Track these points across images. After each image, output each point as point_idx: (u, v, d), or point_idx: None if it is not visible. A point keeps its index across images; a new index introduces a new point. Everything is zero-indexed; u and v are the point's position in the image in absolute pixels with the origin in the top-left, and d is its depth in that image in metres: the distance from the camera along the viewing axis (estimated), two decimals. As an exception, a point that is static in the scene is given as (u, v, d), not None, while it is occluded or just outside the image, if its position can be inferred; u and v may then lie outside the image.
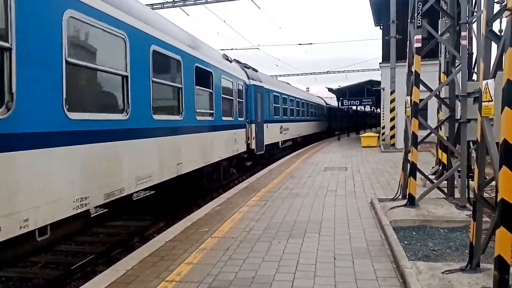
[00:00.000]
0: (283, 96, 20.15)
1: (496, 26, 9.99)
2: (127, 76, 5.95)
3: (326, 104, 38.72)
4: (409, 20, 7.44)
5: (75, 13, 4.80)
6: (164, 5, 20.53)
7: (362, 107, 45.11)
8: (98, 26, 5.28)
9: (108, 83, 5.76)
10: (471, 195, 5.65)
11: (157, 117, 6.80)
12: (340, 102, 30.67)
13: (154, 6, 20.28)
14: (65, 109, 4.58)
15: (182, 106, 7.89)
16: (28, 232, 3.98)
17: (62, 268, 6.03)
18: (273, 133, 17.60)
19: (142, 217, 8.83)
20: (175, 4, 20.51)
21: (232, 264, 4.81)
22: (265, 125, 15.81)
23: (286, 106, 20.78)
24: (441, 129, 8.21)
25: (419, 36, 6.90)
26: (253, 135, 13.96)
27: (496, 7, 4.55)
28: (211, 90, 9.85)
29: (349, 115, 44.78)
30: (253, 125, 14.12)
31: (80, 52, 5.07)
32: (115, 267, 4.85)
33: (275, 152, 19.07)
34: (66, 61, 4.62)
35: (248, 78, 14.46)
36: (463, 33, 6.93)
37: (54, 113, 4.45)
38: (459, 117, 6.94)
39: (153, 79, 6.75)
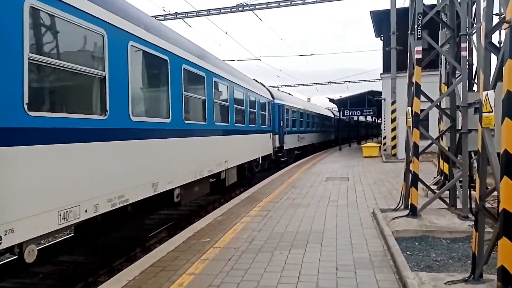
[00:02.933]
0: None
1: (495, 38, 10.07)
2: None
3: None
4: (409, 32, 7.51)
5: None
6: (167, 17, 20.77)
7: (363, 118, 45.17)
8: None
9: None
10: (473, 206, 5.64)
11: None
12: (341, 113, 30.75)
13: (156, 18, 20.51)
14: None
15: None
16: None
17: (64, 278, 6.02)
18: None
19: (144, 226, 8.82)
20: (178, 16, 20.73)
21: (234, 274, 4.80)
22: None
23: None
24: (442, 139, 8.23)
25: (420, 47, 6.96)
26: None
27: (495, 20, 4.60)
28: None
29: (350, 126, 45.06)
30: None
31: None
32: (117, 278, 4.84)
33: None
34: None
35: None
36: (463, 45, 7.00)
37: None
38: (460, 128, 6.96)
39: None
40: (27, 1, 4.04)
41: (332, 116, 39.83)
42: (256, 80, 17.48)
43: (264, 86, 18.29)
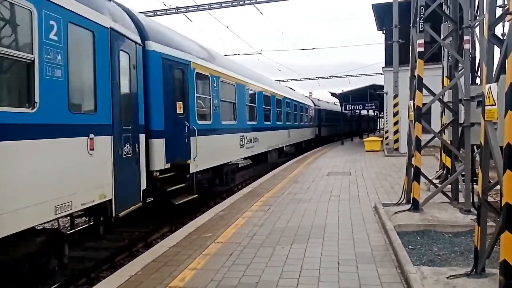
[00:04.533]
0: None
1: (498, 30, 9.98)
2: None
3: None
4: (411, 25, 7.46)
5: None
6: (168, 12, 20.67)
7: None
8: None
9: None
10: (476, 199, 5.62)
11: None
12: (343, 107, 30.64)
13: (157, 12, 20.44)
14: None
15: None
16: None
17: (66, 273, 6.03)
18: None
19: (146, 222, 8.83)
20: (178, 10, 20.64)
21: (235, 269, 4.80)
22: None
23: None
24: (444, 133, 8.19)
25: (422, 41, 6.91)
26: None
27: (499, 11, 4.54)
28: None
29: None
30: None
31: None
32: (119, 273, 4.85)
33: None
34: None
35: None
36: (465, 37, 6.95)
37: None
38: (462, 121, 6.92)
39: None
40: None
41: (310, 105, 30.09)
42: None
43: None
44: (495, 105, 3.83)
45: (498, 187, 4.11)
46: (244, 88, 13.33)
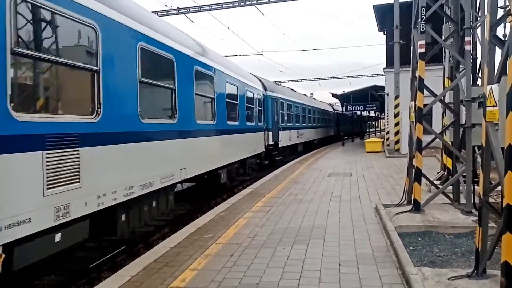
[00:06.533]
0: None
1: (500, 31, 9.98)
2: None
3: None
4: (412, 26, 7.46)
5: None
6: (169, 12, 20.70)
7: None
8: None
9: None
10: (477, 201, 5.61)
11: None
12: (344, 108, 30.64)
13: (159, 13, 20.46)
14: None
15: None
16: None
17: (67, 274, 6.04)
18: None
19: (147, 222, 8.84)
20: (180, 11, 20.67)
21: (236, 270, 4.80)
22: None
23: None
24: (445, 134, 8.18)
25: (423, 41, 6.91)
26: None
27: (500, 12, 4.54)
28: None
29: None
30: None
31: None
32: (120, 273, 4.85)
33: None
34: None
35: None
36: (467, 38, 6.93)
37: None
38: (463, 122, 6.91)
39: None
40: None
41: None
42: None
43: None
44: (496, 106, 3.83)
45: (499, 188, 4.11)
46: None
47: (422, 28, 6.87)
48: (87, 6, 4.95)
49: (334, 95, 35.62)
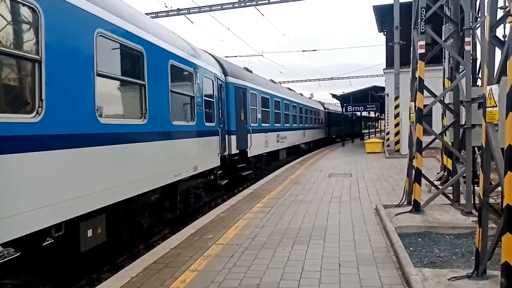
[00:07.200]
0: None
1: (500, 32, 9.98)
2: None
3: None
4: (412, 26, 7.46)
5: None
6: (169, 13, 20.71)
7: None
8: None
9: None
10: (477, 201, 5.61)
11: None
12: (344, 108, 30.65)
13: (158, 14, 20.48)
14: None
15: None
16: None
17: (67, 274, 6.04)
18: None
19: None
20: (180, 12, 20.68)
21: (236, 271, 4.80)
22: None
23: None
24: (445, 135, 8.17)
25: (423, 42, 6.91)
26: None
27: (500, 13, 4.54)
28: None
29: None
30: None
31: None
32: (120, 274, 4.86)
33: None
34: None
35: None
36: (466, 39, 6.94)
37: None
38: (463, 123, 6.91)
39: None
40: None
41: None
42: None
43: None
44: (496, 106, 3.84)
45: (499, 188, 4.11)
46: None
47: (422, 29, 6.88)
48: None
49: (334, 95, 35.63)
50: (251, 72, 15.62)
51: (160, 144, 7.00)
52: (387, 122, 25.70)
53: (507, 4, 3.99)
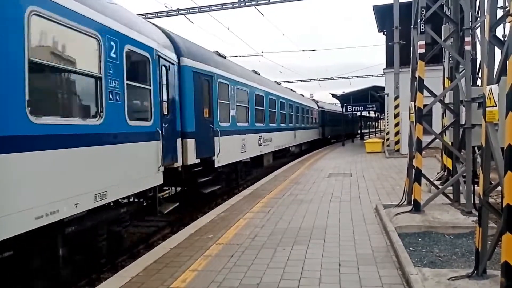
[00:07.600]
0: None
1: (499, 31, 9.97)
2: None
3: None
4: (412, 26, 7.46)
5: None
6: (169, 13, 20.71)
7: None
8: None
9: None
10: (477, 201, 5.61)
11: None
12: (344, 108, 30.65)
13: (158, 14, 20.48)
14: None
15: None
16: None
17: (67, 274, 6.03)
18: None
19: (147, 223, 8.84)
20: (179, 12, 20.68)
21: (236, 271, 4.80)
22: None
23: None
24: (445, 135, 8.18)
25: (423, 42, 6.91)
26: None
27: (499, 13, 4.54)
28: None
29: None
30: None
31: None
32: (120, 274, 4.86)
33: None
34: None
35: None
36: (466, 39, 6.94)
37: None
38: (463, 123, 6.92)
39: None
40: None
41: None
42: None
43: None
44: (496, 106, 3.84)
45: (499, 188, 4.11)
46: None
47: (422, 29, 6.88)
48: None
49: (334, 95, 35.63)
50: (225, 58, 12.29)
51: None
52: (387, 122, 25.70)
53: (506, 4, 3.99)
